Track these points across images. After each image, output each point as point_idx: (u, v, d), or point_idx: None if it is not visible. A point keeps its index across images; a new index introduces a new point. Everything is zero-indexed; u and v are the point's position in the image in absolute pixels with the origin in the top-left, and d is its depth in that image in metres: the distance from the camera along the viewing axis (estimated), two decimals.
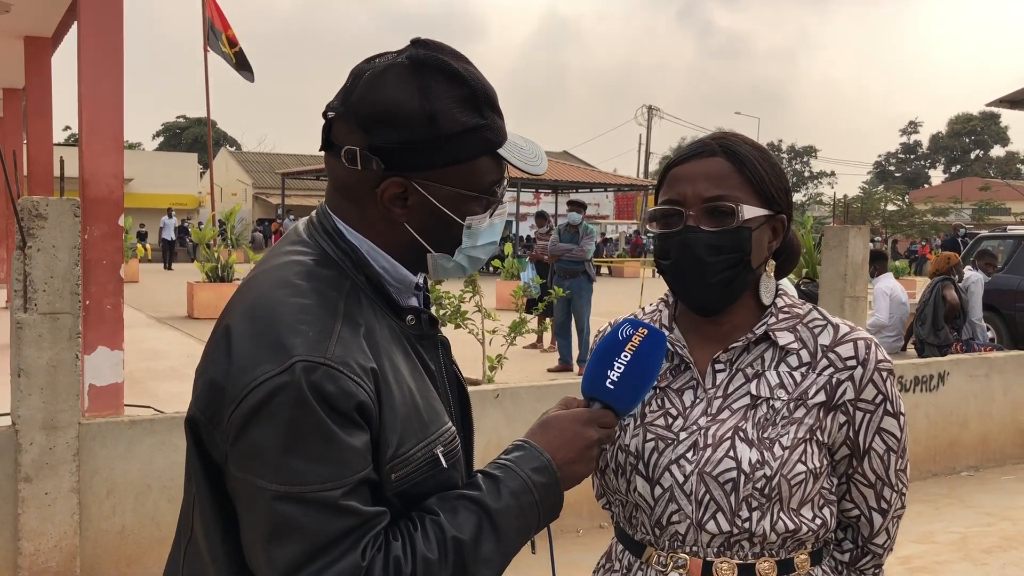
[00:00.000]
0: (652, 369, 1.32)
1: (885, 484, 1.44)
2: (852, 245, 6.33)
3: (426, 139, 1.17)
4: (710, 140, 1.45)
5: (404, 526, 1.14)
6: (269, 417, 1.07)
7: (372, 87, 1.18)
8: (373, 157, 1.17)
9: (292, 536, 1.07)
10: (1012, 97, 20.65)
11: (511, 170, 1.30)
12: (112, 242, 5.85)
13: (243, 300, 1.19)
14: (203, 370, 1.17)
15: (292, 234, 1.28)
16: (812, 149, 79.67)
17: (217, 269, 14.19)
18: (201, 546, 1.19)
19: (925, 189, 64.00)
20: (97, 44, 5.99)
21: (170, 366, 9.63)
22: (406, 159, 1.18)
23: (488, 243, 1.28)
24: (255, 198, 44.94)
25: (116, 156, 6.00)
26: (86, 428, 3.71)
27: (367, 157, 1.18)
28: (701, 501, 1.35)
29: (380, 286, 1.23)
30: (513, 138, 1.28)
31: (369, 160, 1.18)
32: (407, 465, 1.15)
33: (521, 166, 1.26)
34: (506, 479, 1.20)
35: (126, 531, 3.83)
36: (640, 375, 1.31)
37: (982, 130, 75.68)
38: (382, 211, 1.21)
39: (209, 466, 1.16)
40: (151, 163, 40.59)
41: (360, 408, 1.10)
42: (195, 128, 62.44)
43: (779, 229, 1.45)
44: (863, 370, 1.39)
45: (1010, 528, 5.21)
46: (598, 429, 1.27)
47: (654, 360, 1.32)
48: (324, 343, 1.10)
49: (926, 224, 38.46)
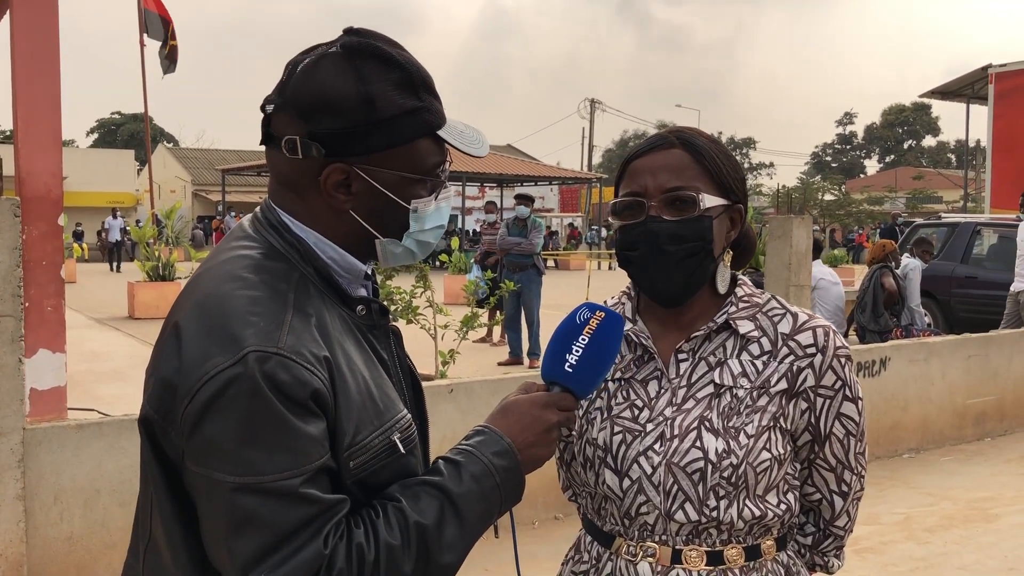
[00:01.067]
0: (610, 351, 1.32)
1: (845, 467, 1.48)
2: (796, 235, 6.46)
3: (364, 123, 1.18)
4: (667, 133, 1.48)
5: (366, 513, 1.14)
6: (224, 409, 1.06)
7: (308, 76, 1.19)
8: (313, 144, 1.18)
9: (253, 527, 1.06)
10: (943, 89, 21.29)
11: (455, 161, 1.31)
12: (52, 242, 5.69)
13: (191, 296, 1.18)
14: (154, 369, 1.16)
15: (238, 230, 1.28)
16: (751, 141, 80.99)
17: (158, 268, 13.91)
18: (161, 547, 1.18)
19: (861, 179, 65.47)
20: (31, 37, 5.82)
21: (112, 368, 9.42)
22: (346, 144, 1.18)
23: (435, 227, 1.29)
24: (194, 195, 44.16)
25: (54, 154, 5.83)
26: (31, 433, 3.62)
27: (307, 144, 1.18)
28: (669, 491, 1.37)
29: (329, 277, 1.23)
30: (453, 123, 1.28)
31: (309, 147, 1.18)
32: (365, 452, 1.15)
33: (463, 148, 1.27)
34: (467, 464, 1.20)
35: (75, 537, 3.74)
36: (598, 358, 1.31)
37: (914, 121, 77.67)
38: (326, 200, 1.21)
39: (166, 465, 1.15)
40: (86, 160, 39.56)
41: (315, 396, 1.10)
42: (131, 124, 61.11)
43: (736, 219, 1.48)
44: (823, 357, 1.42)
45: (950, 507, 5.38)
46: (558, 412, 1.28)
47: (612, 343, 1.32)
48: (276, 333, 1.10)
49: (862, 213, 39.36)
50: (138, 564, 1.23)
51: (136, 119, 58.58)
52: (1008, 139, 15.45)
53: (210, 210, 41.53)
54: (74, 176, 35.79)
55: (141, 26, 15.53)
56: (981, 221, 12.50)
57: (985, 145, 16.58)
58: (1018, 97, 15.34)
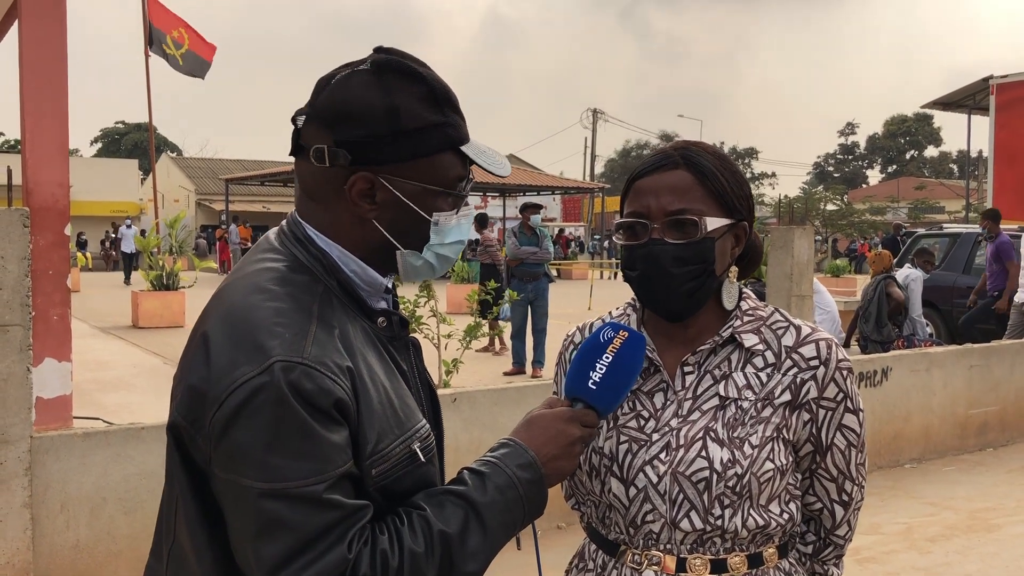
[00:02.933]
0: (632, 370, 1.38)
1: (846, 478, 1.50)
2: (797, 245, 6.49)
3: (389, 132, 1.21)
4: (672, 151, 1.48)
5: (391, 521, 1.17)
6: (250, 417, 1.10)
7: (336, 90, 1.23)
8: (340, 151, 1.21)
9: (279, 532, 1.09)
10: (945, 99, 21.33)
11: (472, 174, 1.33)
12: (58, 252, 5.73)
13: (218, 307, 1.22)
14: (182, 377, 1.20)
15: (264, 243, 1.32)
16: (753, 151, 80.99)
17: (162, 277, 13.94)
18: (186, 549, 1.21)
19: (863, 189, 65.46)
20: (39, 49, 5.86)
21: (117, 377, 9.45)
22: (371, 153, 1.22)
23: (456, 241, 1.32)
24: (198, 204, 44.21)
25: (61, 164, 5.88)
26: (38, 442, 3.64)
27: (334, 152, 1.22)
28: (675, 500, 1.40)
29: (351, 290, 1.27)
30: (476, 142, 1.31)
31: (336, 155, 1.21)
32: (386, 461, 1.18)
33: (486, 167, 1.31)
34: (492, 475, 1.24)
35: (81, 545, 3.76)
36: (621, 376, 1.37)
37: (916, 131, 77.66)
38: (351, 209, 1.24)
39: (192, 470, 1.18)
40: (90, 170, 39.62)
41: (338, 405, 1.13)
42: (134, 134, 61.25)
43: (741, 236, 1.50)
44: (825, 369, 1.45)
45: (952, 517, 5.38)
46: (581, 427, 1.32)
47: (634, 362, 1.38)
48: (300, 343, 1.13)
49: (865, 223, 39.36)
50: (160, 566, 1.26)
51: (140, 128, 58.74)
52: (1009, 150, 15.47)
53: (213, 219, 41.56)
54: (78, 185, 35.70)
55: (146, 36, 15.60)
56: None
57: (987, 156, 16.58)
58: (1019, 108, 15.37)
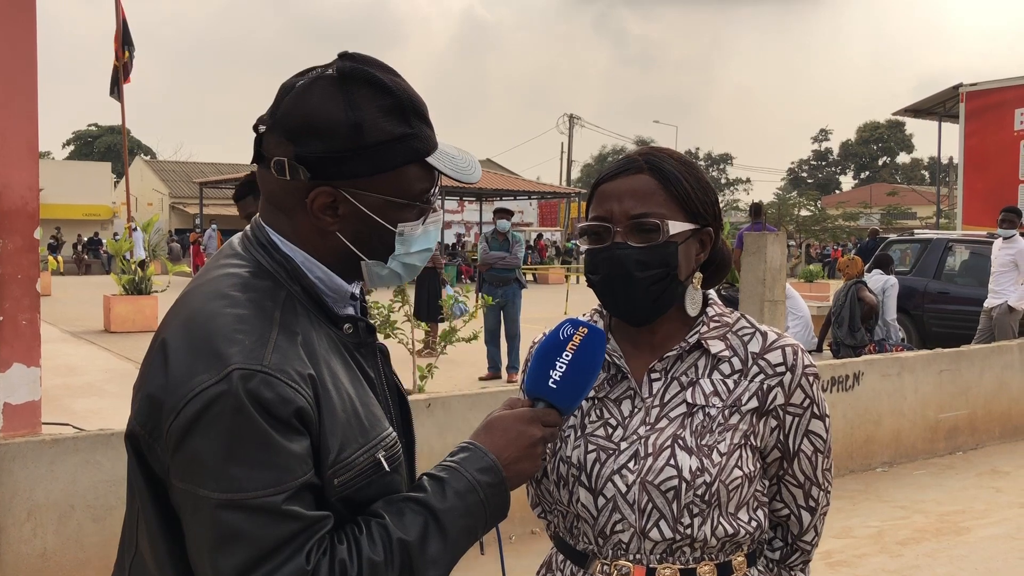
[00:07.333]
0: (593, 367, 1.35)
1: (813, 483, 1.51)
2: (770, 251, 6.53)
3: (351, 148, 1.19)
4: (637, 156, 1.48)
5: (349, 530, 1.16)
6: (208, 426, 1.08)
7: (299, 99, 1.21)
8: (299, 167, 1.19)
9: (237, 543, 1.08)
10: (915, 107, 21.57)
11: (443, 178, 1.32)
12: (28, 256, 5.62)
13: (179, 314, 1.20)
14: (141, 385, 1.18)
15: (227, 248, 1.30)
16: (728, 156, 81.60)
17: (135, 281, 13.81)
18: (147, 561, 1.19)
19: (836, 195, 66.03)
20: (7, 47, 5.79)
21: (87, 382, 9.34)
22: (332, 168, 1.20)
23: (422, 250, 1.30)
24: (171, 208, 43.85)
25: (31, 166, 5.78)
26: (4, 448, 3.59)
27: (294, 167, 1.20)
28: (644, 510, 1.39)
29: (316, 296, 1.25)
30: (445, 148, 1.30)
31: (296, 170, 1.20)
32: (349, 470, 1.17)
33: (453, 175, 1.29)
34: (451, 480, 1.22)
35: (48, 554, 3.71)
36: (581, 373, 1.34)
37: (888, 137, 78.50)
38: (313, 221, 1.23)
39: (152, 480, 1.17)
40: (62, 172, 39.23)
41: (299, 414, 1.11)
42: (108, 137, 60.64)
43: (706, 242, 1.50)
44: (792, 376, 1.45)
45: (922, 520, 5.44)
46: (542, 427, 1.30)
47: (595, 358, 1.35)
48: (261, 351, 1.12)
49: (838, 228, 39.70)
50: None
51: (113, 131, 58.15)
52: (979, 157, 15.68)
53: (187, 223, 41.22)
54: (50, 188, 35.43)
55: (118, 38, 15.43)
56: (953, 237, 12.67)
57: (957, 162, 16.80)
58: (988, 116, 15.58)
